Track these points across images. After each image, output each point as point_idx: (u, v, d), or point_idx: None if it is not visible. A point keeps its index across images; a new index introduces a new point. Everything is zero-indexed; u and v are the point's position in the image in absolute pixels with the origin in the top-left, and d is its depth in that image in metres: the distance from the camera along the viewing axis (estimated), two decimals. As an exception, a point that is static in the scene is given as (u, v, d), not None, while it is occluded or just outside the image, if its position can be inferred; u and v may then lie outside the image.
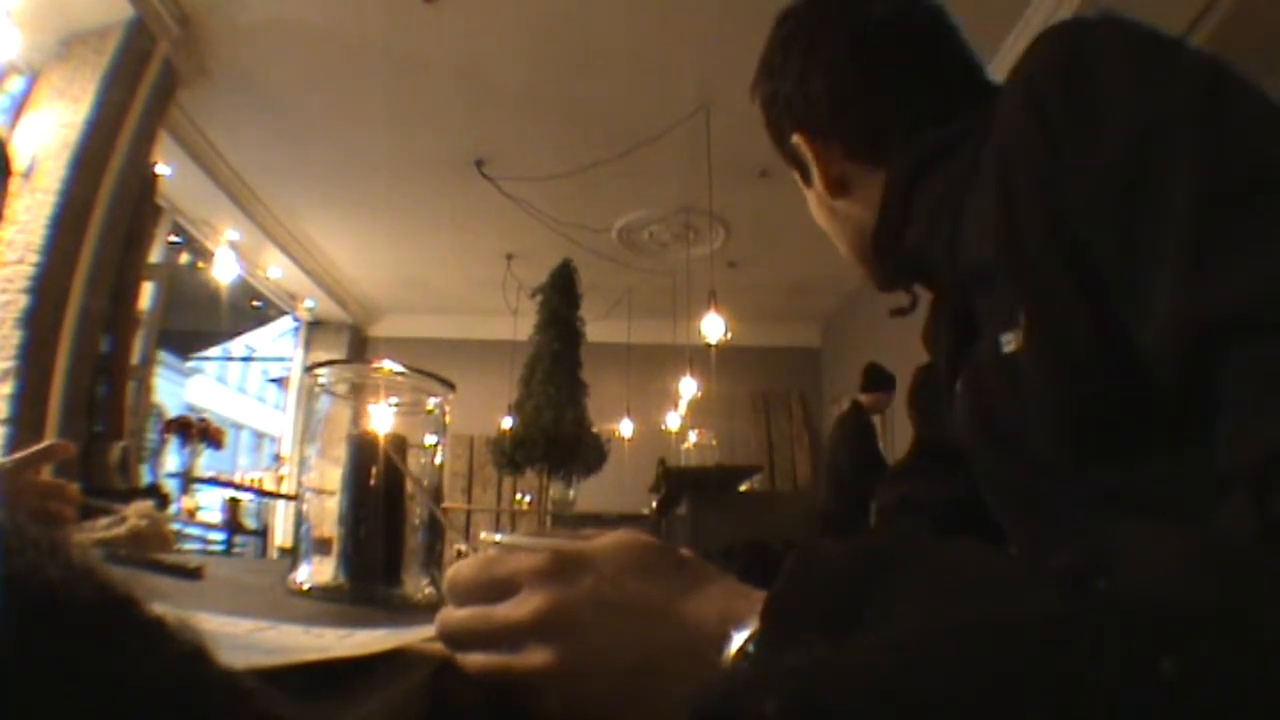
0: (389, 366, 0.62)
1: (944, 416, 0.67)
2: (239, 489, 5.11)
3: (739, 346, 5.74)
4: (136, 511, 0.73)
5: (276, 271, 6.13)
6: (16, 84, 3.22)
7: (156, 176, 3.89)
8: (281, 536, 5.49)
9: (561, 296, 4.69)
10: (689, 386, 5.63)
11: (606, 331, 6.00)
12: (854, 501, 3.90)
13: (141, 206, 3.58)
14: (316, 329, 7.24)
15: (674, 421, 6.41)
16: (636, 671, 0.31)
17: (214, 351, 13.02)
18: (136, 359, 3.78)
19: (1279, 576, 0.22)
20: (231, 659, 0.16)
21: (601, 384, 5.22)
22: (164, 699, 0.14)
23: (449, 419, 0.64)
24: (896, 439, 5.36)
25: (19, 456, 0.78)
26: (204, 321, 7.86)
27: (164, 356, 9.67)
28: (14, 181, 2.74)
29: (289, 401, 7.50)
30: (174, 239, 5.06)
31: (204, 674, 0.16)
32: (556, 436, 4.38)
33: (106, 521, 0.73)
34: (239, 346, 13.14)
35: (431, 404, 0.63)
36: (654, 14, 3.36)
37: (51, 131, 3.08)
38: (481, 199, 4.86)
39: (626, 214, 5.27)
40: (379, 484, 0.58)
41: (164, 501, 3.37)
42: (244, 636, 0.34)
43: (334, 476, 0.59)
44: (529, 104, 4.03)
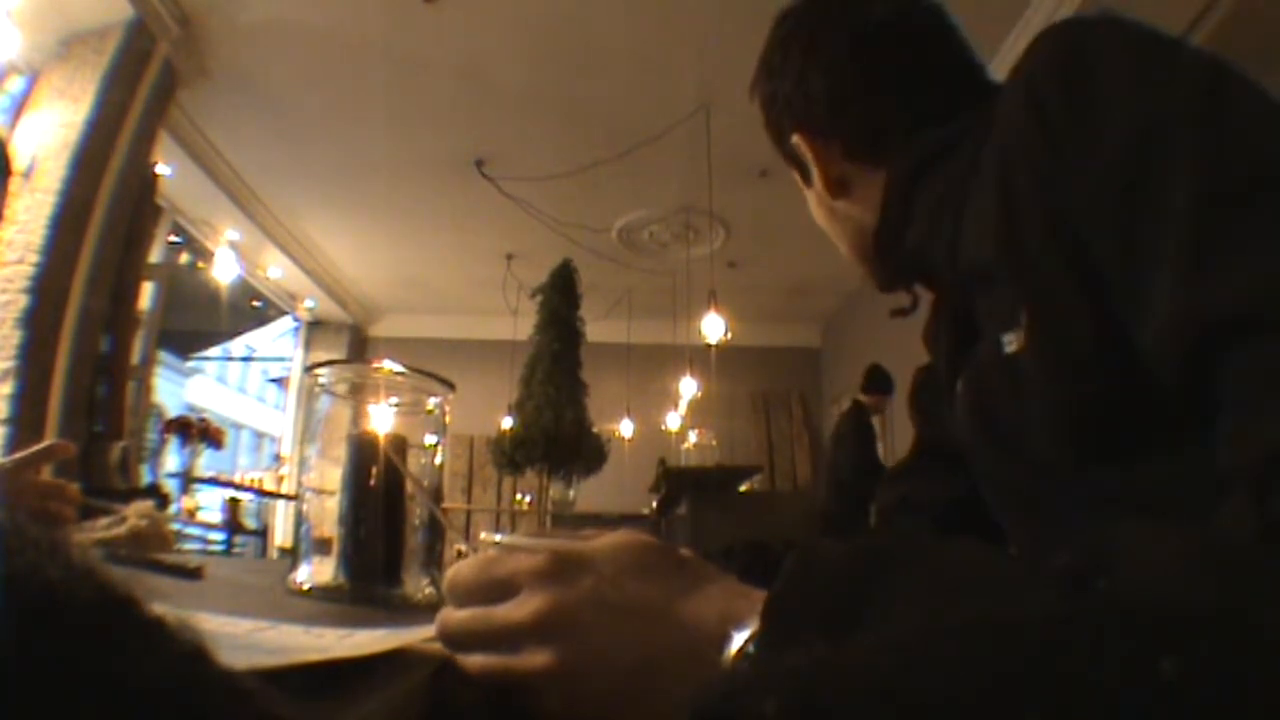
0: (389, 366, 0.62)
1: (944, 417, 0.67)
2: (239, 489, 5.11)
3: (739, 346, 5.75)
4: (136, 511, 0.73)
5: (276, 271, 6.13)
6: (16, 84, 3.22)
7: (156, 176, 3.89)
8: (281, 536, 5.49)
9: (561, 296, 4.69)
10: (689, 386, 5.63)
11: (606, 331, 6.00)
12: (854, 502, 3.90)
13: (141, 206, 3.58)
14: (316, 329, 7.24)
15: (674, 421, 6.41)
16: (636, 672, 0.31)
17: (214, 351, 13.02)
18: (136, 359, 3.78)
19: (1279, 577, 0.22)
20: (231, 659, 0.16)
21: (601, 384, 5.22)
22: (164, 699, 0.14)
23: (449, 419, 0.64)
24: (896, 439, 5.36)
25: (19, 456, 0.78)
26: (204, 321, 7.86)
27: (164, 356, 9.67)
28: (14, 181, 2.75)
29: (289, 401, 7.50)
30: (174, 239, 5.06)
31: (204, 674, 0.16)
32: (556, 436, 4.38)
33: (106, 521, 0.73)
34: (239, 346, 13.14)
35: (431, 404, 0.63)
36: (654, 14, 3.36)
37: (51, 131, 3.08)
38: (481, 199, 4.86)
39: (626, 214, 5.27)
40: (379, 484, 0.58)
41: (164, 501, 3.37)
42: (244, 636, 0.34)
43: (334, 476, 0.59)
44: (529, 104, 4.04)
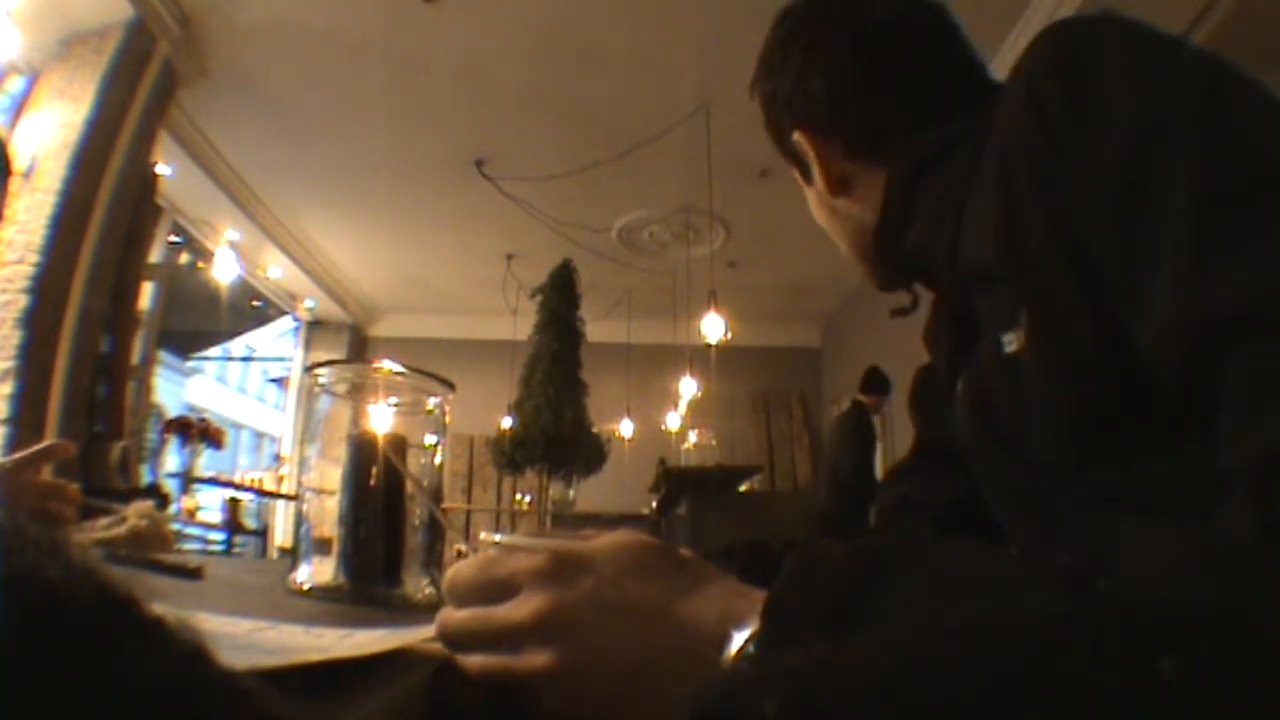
0: (389, 366, 0.62)
1: (944, 417, 0.66)
2: (239, 489, 5.11)
3: (739, 346, 5.74)
4: (136, 511, 0.73)
5: (276, 271, 6.13)
6: (16, 84, 3.22)
7: (156, 176, 3.89)
8: (281, 536, 5.49)
9: (561, 296, 4.69)
10: (689, 386, 5.63)
11: (606, 331, 6.00)
12: (854, 502, 3.91)
13: (141, 206, 3.58)
14: (316, 329, 7.24)
15: (674, 421, 6.41)
16: (636, 672, 0.31)
17: (214, 351, 13.02)
18: (136, 359, 3.78)
19: (1279, 577, 0.22)
20: (231, 659, 0.16)
21: (601, 384, 5.22)
22: (164, 699, 0.14)
23: (449, 419, 0.64)
24: (896, 439, 5.36)
25: (19, 456, 0.78)
26: (204, 321, 7.87)
27: (164, 356, 9.67)
28: (14, 181, 2.75)
29: (289, 401, 7.50)
30: (174, 239, 5.06)
31: (204, 674, 0.16)
32: (556, 436, 4.38)
33: (106, 521, 0.73)
34: (239, 346, 13.14)
35: (431, 404, 0.63)
36: (654, 14, 3.36)
37: (51, 131, 3.08)
38: (481, 199, 4.86)
39: (626, 214, 5.27)
40: (379, 484, 0.58)
41: (164, 501, 3.37)
42: (244, 636, 0.34)
43: (334, 476, 0.59)
44: (529, 104, 4.04)
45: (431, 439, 0.63)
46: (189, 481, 4.49)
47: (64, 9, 3.13)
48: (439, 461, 0.64)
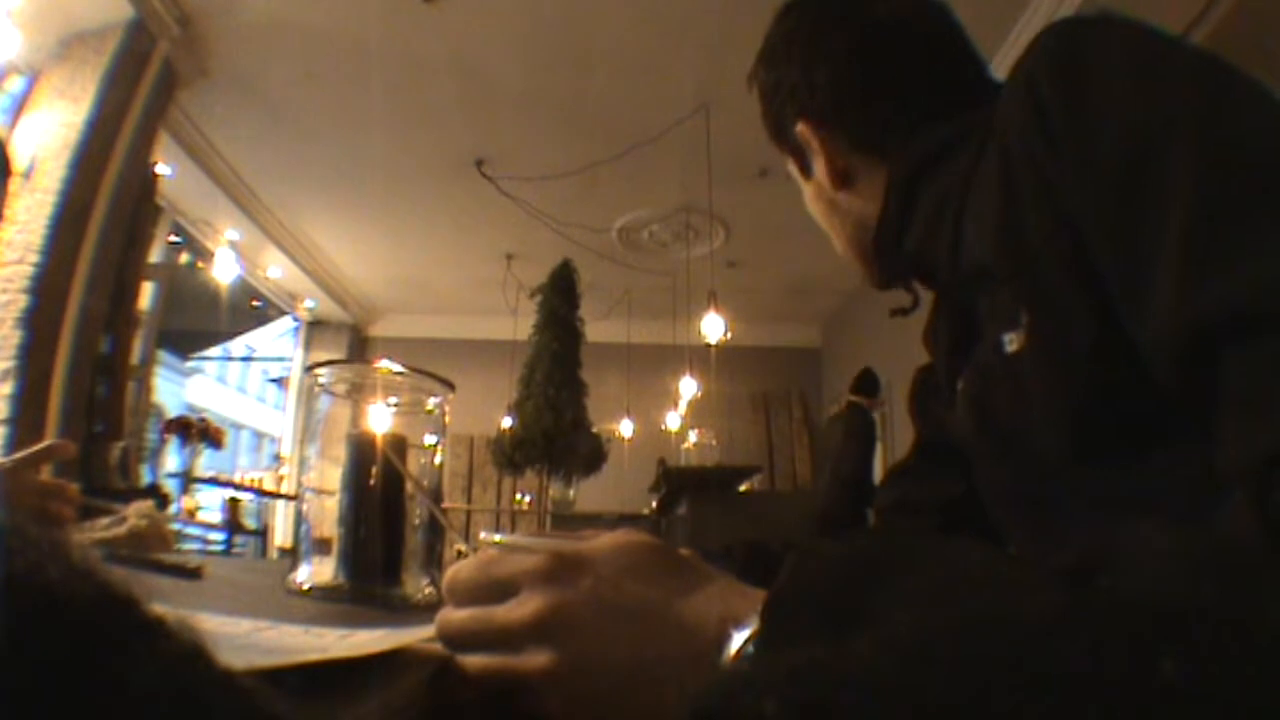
0: (389, 366, 0.62)
1: (944, 417, 0.66)
2: (239, 489, 5.10)
3: (739, 346, 5.75)
4: (136, 511, 0.73)
5: (276, 271, 6.13)
6: (16, 84, 3.23)
7: (156, 176, 3.89)
8: (281, 536, 5.49)
9: (561, 296, 4.70)
10: (689, 386, 5.63)
11: (606, 331, 6.00)
12: (856, 501, 3.92)
13: (141, 206, 3.58)
14: (316, 329, 7.24)
15: (674, 421, 6.41)
16: (636, 672, 0.31)
17: (214, 351, 13.02)
18: (136, 359, 3.78)
19: (1279, 577, 0.22)
20: (231, 659, 0.16)
21: (601, 384, 5.22)
22: (164, 699, 0.14)
23: (449, 419, 0.64)
24: (897, 439, 5.36)
25: (19, 456, 0.78)
26: (204, 321, 7.86)
27: (164, 356, 9.67)
28: (14, 181, 2.75)
29: (289, 401, 7.50)
30: (174, 239, 5.06)
31: (204, 674, 0.16)
32: (556, 436, 4.38)
33: (106, 521, 0.73)
34: (239, 346, 13.14)
35: (431, 404, 0.63)
36: (654, 14, 3.36)
37: (51, 131, 3.09)
38: (481, 199, 4.86)
39: (626, 214, 5.27)
40: (379, 484, 0.58)
41: (164, 501, 3.37)
42: (244, 636, 0.34)
43: (334, 476, 0.59)
44: (529, 104, 4.04)
45: (431, 439, 0.63)
46: (189, 481, 4.49)
47: (64, 9, 3.13)
48: (439, 461, 0.64)
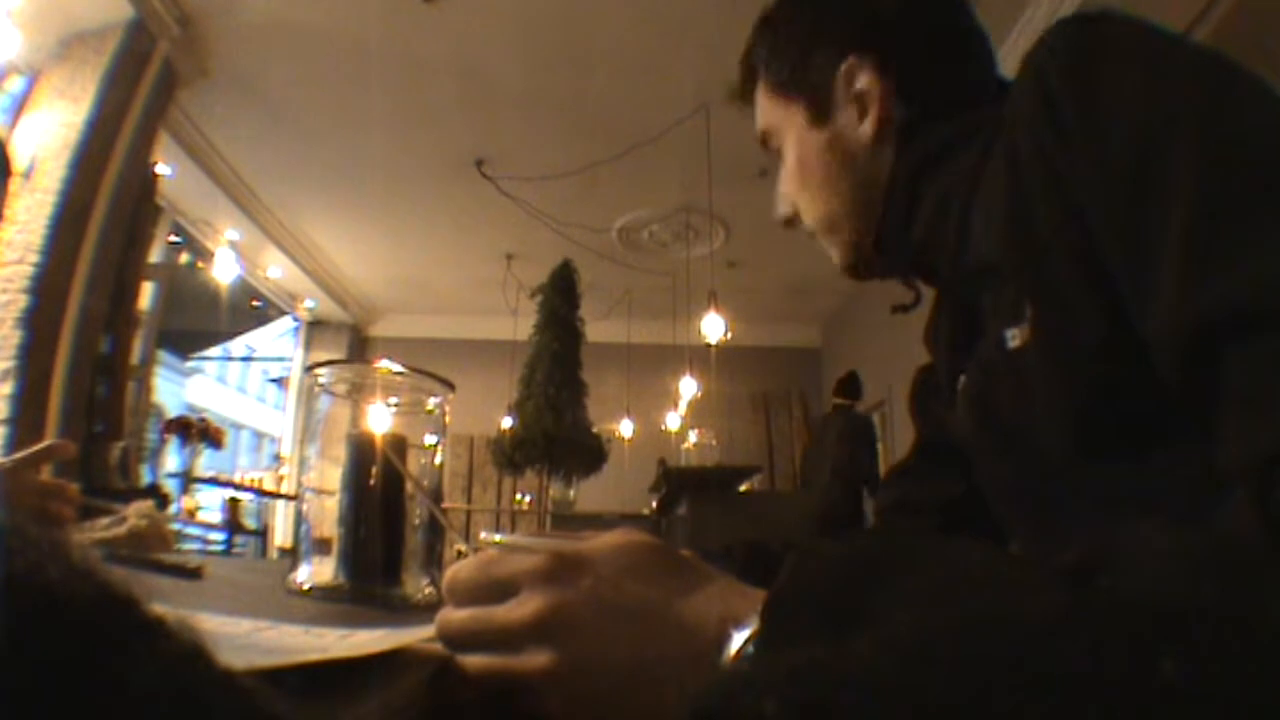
0: (389, 366, 0.62)
1: (944, 417, 0.66)
2: (239, 489, 5.10)
3: (739, 346, 5.75)
4: (136, 511, 0.73)
5: (276, 271, 6.13)
6: (16, 84, 3.23)
7: (156, 176, 3.89)
8: (281, 536, 5.49)
9: (561, 296, 4.70)
10: (689, 386, 5.63)
11: (606, 331, 6.01)
12: (856, 502, 3.94)
13: (141, 206, 3.58)
14: (316, 329, 7.24)
15: (674, 421, 6.41)
16: (635, 672, 0.31)
17: (214, 351, 13.02)
18: (136, 359, 3.78)
19: (1279, 577, 0.22)
20: (231, 659, 0.16)
21: (601, 384, 5.22)
22: (164, 699, 0.14)
23: (449, 419, 0.64)
24: (897, 439, 5.36)
25: (19, 456, 0.78)
26: (204, 321, 7.87)
27: (164, 356, 9.68)
28: (14, 181, 2.75)
29: (289, 401, 7.50)
30: (174, 239, 5.06)
31: (204, 674, 0.16)
32: (556, 436, 4.38)
33: (106, 521, 0.73)
34: (239, 346, 13.14)
35: (431, 404, 0.63)
36: (654, 14, 3.37)
37: (51, 131, 3.09)
38: (481, 199, 4.86)
39: (626, 214, 5.27)
40: (379, 484, 0.58)
41: (164, 501, 3.37)
42: (244, 636, 0.34)
43: (334, 476, 0.59)
44: (529, 104, 4.04)
45: (431, 439, 0.63)
46: (189, 481, 4.49)
47: (64, 9, 3.13)
48: (439, 461, 0.64)
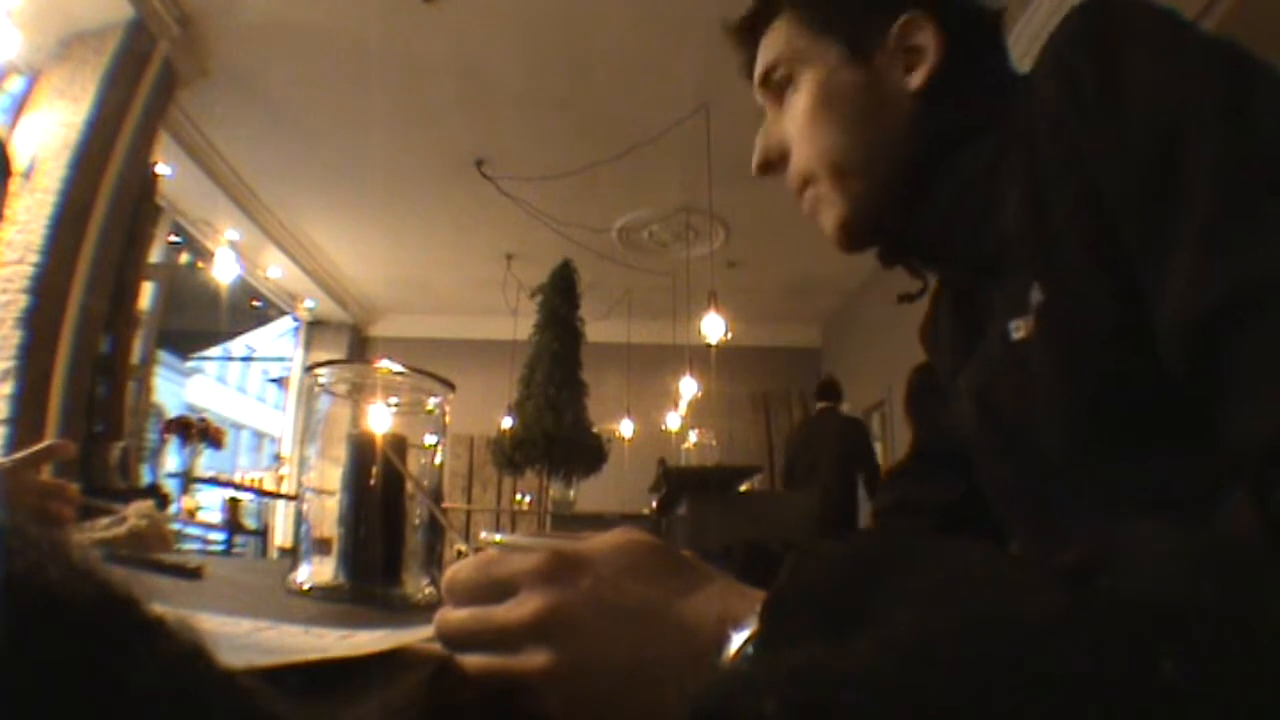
0: (389, 366, 0.62)
1: (941, 417, 0.66)
2: (239, 489, 5.10)
3: (739, 346, 5.75)
4: (136, 511, 0.73)
5: (276, 271, 6.13)
6: (16, 84, 3.23)
7: (156, 176, 3.89)
8: (281, 536, 5.49)
9: (561, 296, 4.70)
10: (689, 386, 5.63)
11: (606, 331, 6.01)
12: (854, 501, 3.96)
13: (141, 206, 3.58)
14: (316, 329, 7.24)
15: (674, 421, 6.41)
16: (635, 672, 0.31)
17: (214, 351, 13.02)
18: (136, 359, 3.78)
19: (1279, 576, 0.22)
20: (231, 659, 0.16)
21: (601, 384, 5.22)
22: (164, 699, 0.14)
23: (449, 419, 0.64)
24: (897, 439, 5.36)
25: (19, 456, 0.78)
26: (204, 321, 7.87)
27: (164, 356, 9.68)
28: (14, 181, 2.75)
29: (289, 401, 7.50)
30: (174, 239, 5.06)
31: (204, 674, 0.16)
32: (556, 436, 4.38)
33: (106, 521, 0.73)
34: (239, 346, 13.15)
35: (431, 404, 0.63)
36: (654, 14, 3.37)
37: (51, 131, 3.09)
38: (481, 199, 4.86)
39: (626, 214, 5.28)
40: (379, 484, 0.58)
41: (164, 501, 3.37)
42: (244, 636, 0.34)
43: (334, 476, 0.59)
44: (529, 104, 4.04)
45: (431, 439, 0.63)
46: (189, 481, 4.49)
47: (64, 9, 3.13)
48: (439, 461, 0.64)
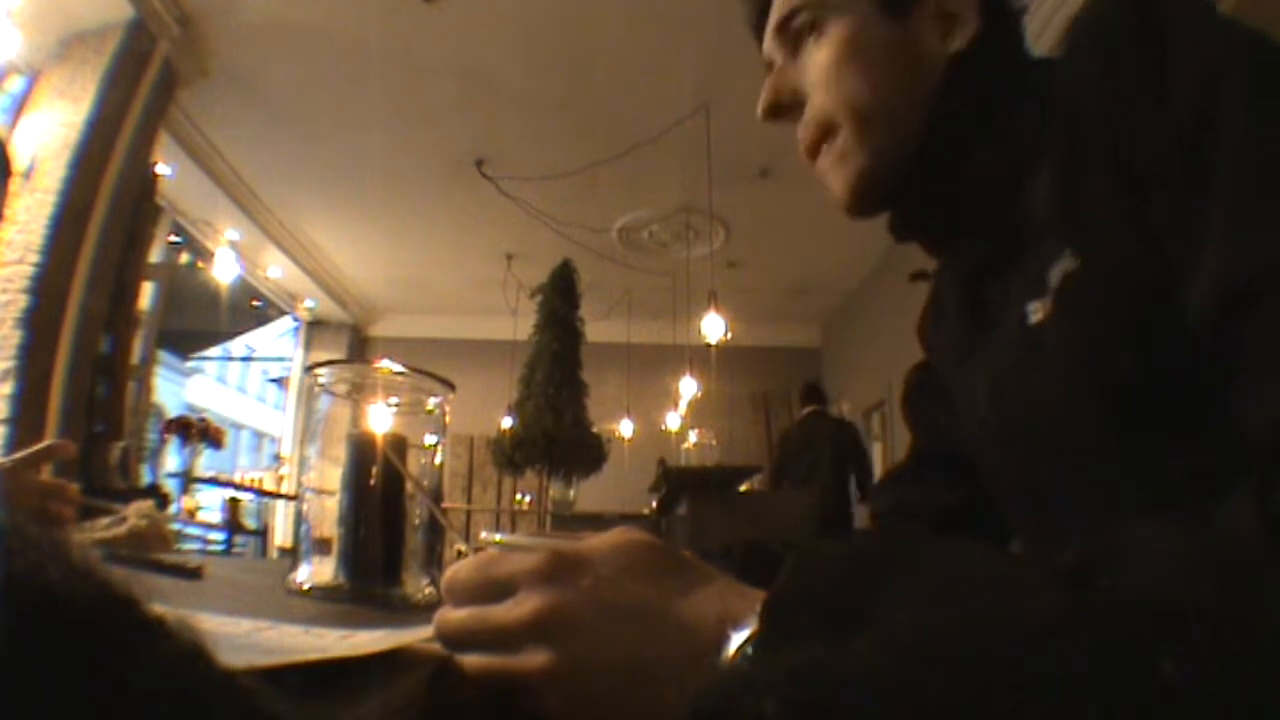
0: (389, 366, 0.62)
1: (940, 416, 0.66)
2: (239, 489, 5.10)
3: (739, 346, 5.75)
4: (136, 511, 0.73)
5: (276, 271, 6.14)
6: (16, 84, 3.23)
7: (156, 176, 3.89)
8: (281, 536, 5.49)
9: (561, 296, 4.70)
10: (689, 386, 5.63)
11: (606, 331, 6.01)
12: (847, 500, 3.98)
13: (141, 206, 3.58)
14: (316, 329, 7.24)
15: (674, 421, 6.41)
16: (634, 672, 0.31)
17: (214, 351, 13.03)
18: (136, 359, 3.78)
19: (1279, 576, 0.22)
20: (231, 659, 0.16)
21: (601, 384, 5.22)
22: (164, 699, 0.14)
23: (449, 419, 0.64)
24: (897, 440, 5.36)
25: (19, 456, 0.78)
26: (204, 321, 7.87)
27: (164, 356, 9.67)
28: (14, 181, 2.75)
29: (289, 401, 7.50)
30: (174, 239, 5.06)
31: (204, 674, 0.16)
32: (556, 436, 4.38)
33: (106, 521, 0.73)
34: (239, 346, 13.14)
35: (431, 404, 0.63)
36: (654, 14, 3.37)
37: (51, 131, 3.09)
38: (481, 199, 4.86)
39: (626, 214, 5.28)
40: (379, 484, 0.58)
41: (164, 501, 3.37)
42: (244, 636, 0.34)
43: (334, 476, 0.59)
44: (529, 104, 4.04)
45: (431, 439, 0.63)
46: (189, 481, 4.49)
47: (64, 9, 3.13)
48: (439, 461, 0.64)
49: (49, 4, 3.06)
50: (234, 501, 4.82)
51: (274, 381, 14.36)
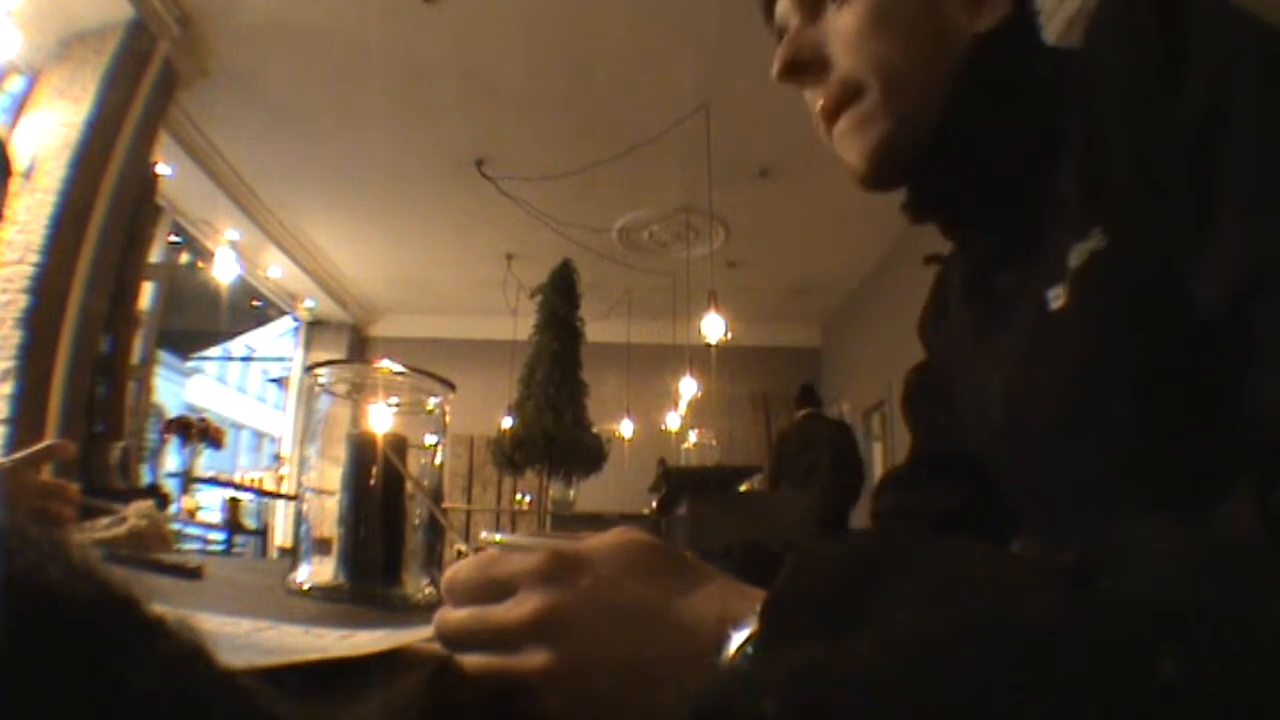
0: (389, 366, 0.62)
1: (941, 417, 0.66)
2: (239, 489, 5.10)
3: (739, 346, 5.75)
4: (136, 511, 0.73)
5: (276, 271, 6.14)
6: (16, 84, 3.23)
7: (156, 176, 3.89)
8: (281, 536, 5.49)
9: (561, 296, 4.70)
10: (689, 386, 5.64)
11: (606, 331, 6.01)
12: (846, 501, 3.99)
13: (141, 206, 3.58)
14: (316, 329, 7.24)
15: (674, 421, 6.41)
16: (634, 672, 0.31)
17: (214, 351, 13.03)
18: (136, 359, 3.79)
19: (1279, 576, 0.22)
20: (231, 659, 0.16)
21: (601, 384, 5.22)
22: (164, 699, 0.14)
23: (449, 419, 0.64)
24: (897, 440, 5.36)
25: (19, 456, 0.78)
26: (204, 321, 7.87)
27: (164, 356, 9.68)
28: (14, 181, 2.75)
29: (289, 401, 7.50)
30: (174, 239, 5.06)
31: (204, 674, 0.16)
32: (556, 436, 4.38)
33: (106, 521, 0.73)
34: (239, 346, 13.15)
35: (431, 404, 0.63)
36: (654, 14, 3.37)
37: (51, 131, 3.09)
38: (481, 199, 4.86)
39: (626, 214, 5.28)
40: (379, 484, 0.58)
41: (164, 501, 3.37)
42: (244, 636, 0.34)
43: (334, 476, 0.59)
44: (529, 104, 4.04)
45: (431, 439, 0.63)
46: (189, 481, 4.49)
47: (64, 9, 3.13)
48: (439, 461, 0.64)
49: (49, 4, 3.06)
50: (234, 501, 4.82)
51: (274, 381, 14.36)
